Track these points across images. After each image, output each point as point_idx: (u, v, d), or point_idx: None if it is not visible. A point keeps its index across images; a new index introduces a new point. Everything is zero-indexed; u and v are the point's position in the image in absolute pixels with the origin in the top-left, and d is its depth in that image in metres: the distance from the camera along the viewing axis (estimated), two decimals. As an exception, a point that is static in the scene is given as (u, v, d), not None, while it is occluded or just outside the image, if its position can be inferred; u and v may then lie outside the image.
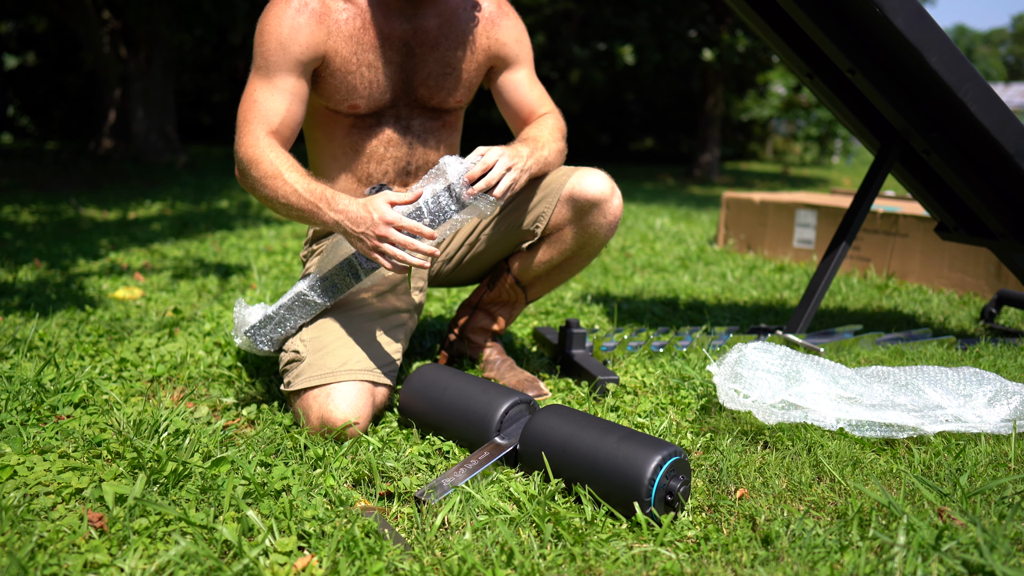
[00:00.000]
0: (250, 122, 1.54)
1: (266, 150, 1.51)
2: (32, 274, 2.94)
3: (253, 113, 1.55)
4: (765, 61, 11.86)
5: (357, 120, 1.66)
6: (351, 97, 1.61)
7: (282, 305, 1.57)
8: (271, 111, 1.55)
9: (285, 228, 4.57)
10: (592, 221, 1.69)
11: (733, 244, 4.18)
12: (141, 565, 0.98)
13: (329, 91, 1.61)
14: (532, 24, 11.85)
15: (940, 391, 1.55)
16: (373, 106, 1.64)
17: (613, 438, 1.19)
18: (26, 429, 1.38)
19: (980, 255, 3.01)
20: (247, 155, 1.52)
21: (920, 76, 1.86)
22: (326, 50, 1.56)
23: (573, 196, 1.67)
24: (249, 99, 1.56)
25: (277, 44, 1.53)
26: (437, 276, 1.86)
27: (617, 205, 1.70)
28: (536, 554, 1.04)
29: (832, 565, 1.01)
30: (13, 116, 15.07)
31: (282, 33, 1.53)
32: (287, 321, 1.57)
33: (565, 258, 1.77)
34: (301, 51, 1.54)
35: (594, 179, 1.67)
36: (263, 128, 1.54)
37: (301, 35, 1.54)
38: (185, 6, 8.33)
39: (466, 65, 1.70)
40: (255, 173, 1.51)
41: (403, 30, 1.62)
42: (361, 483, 1.28)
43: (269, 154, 1.51)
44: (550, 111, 1.79)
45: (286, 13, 1.54)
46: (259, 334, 1.58)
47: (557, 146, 1.71)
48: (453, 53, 1.67)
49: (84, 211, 5.02)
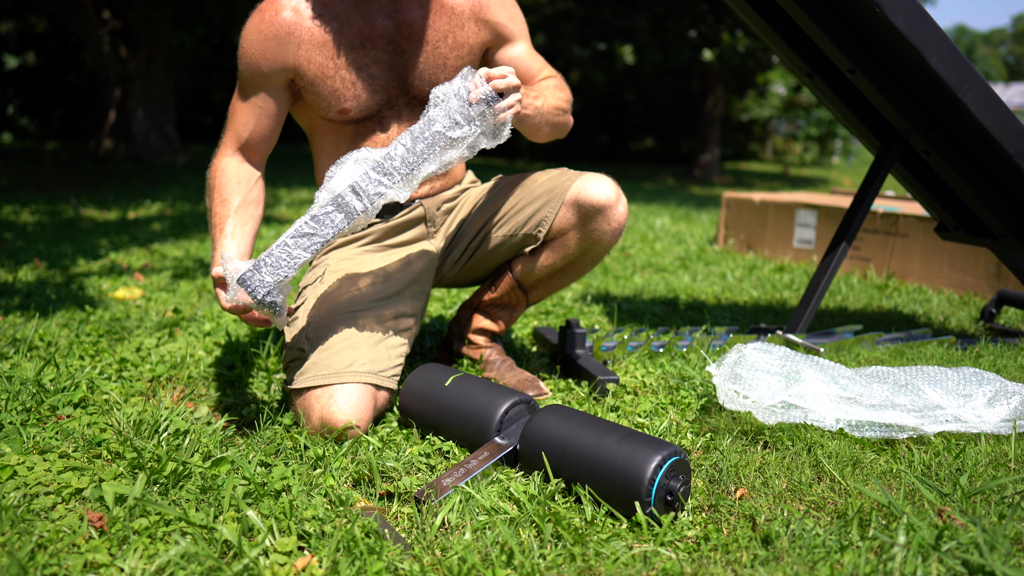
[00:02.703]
0: (225, 136, 1.65)
1: (226, 170, 1.62)
2: (32, 274, 2.94)
3: (229, 127, 1.65)
4: (765, 61, 11.87)
5: (357, 125, 1.65)
6: (337, 102, 1.60)
7: (277, 245, 1.39)
8: (242, 126, 1.64)
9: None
10: (596, 227, 1.68)
11: (733, 244, 4.18)
12: (141, 565, 0.98)
13: (314, 100, 1.62)
14: (532, 24, 11.85)
15: (940, 391, 1.55)
16: (365, 109, 1.62)
17: (613, 438, 1.19)
18: (26, 429, 1.38)
19: (980, 255, 3.01)
20: (212, 172, 1.64)
21: (920, 76, 1.86)
22: (296, 62, 1.57)
23: (578, 201, 1.66)
24: (231, 111, 1.65)
25: (249, 59, 1.58)
26: (442, 277, 1.86)
27: (622, 212, 1.69)
28: (536, 554, 1.04)
29: (832, 565, 1.01)
30: (13, 116, 15.06)
31: (253, 49, 1.58)
32: (283, 262, 1.38)
33: (568, 263, 1.77)
34: (268, 66, 1.57)
35: (599, 185, 1.66)
36: (234, 143, 1.64)
37: (268, 51, 1.57)
38: (187, 5, 8.33)
39: (460, 52, 1.67)
40: (208, 189, 1.63)
41: (385, 27, 1.59)
42: (361, 483, 1.28)
43: (227, 174, 1.62)
44: (552, 75, 1.76)
45: (257, 28, 1.57)
46: (251, 280, 1.37)
47: (554, 101, 1.63)
48: (444, 42, 1.64)
49: (84, 211, 5.02)
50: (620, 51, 11.19)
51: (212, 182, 1.63)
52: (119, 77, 8.82)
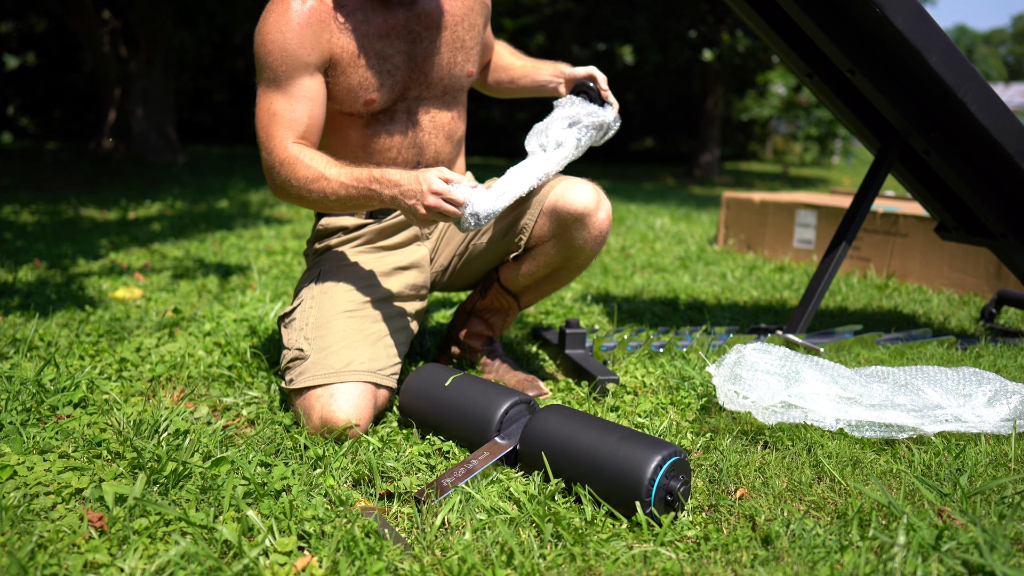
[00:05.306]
0: (275, 136, 1.52)
1: (299, 157, 1.50)
2: (32, 274, 2.94)
3: (276, 127, 1.53)
4: (765, 61, 11.86)
5: (370, 119, 1.64)
6: (364, 92, 1.59)
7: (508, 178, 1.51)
8: (294, 120, 1.53)
9: (285, 228, 4.57)
10: (577, 235, 1.64)
11: (733, 244, 4.18)
12: (141, 565, 0.98)
13: (342, 91, 1.58)
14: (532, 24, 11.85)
15: (940, 391, 1.55)
16: (387, 99, 1.62)
17: (613, 438, 1.19)
18: (26, 429, 1.38)
19: (980, 255, 3.01)
20: (282, 169, 1.51)
21: (920, 76, 1.86)
22: (331, 49, 1.54)
23: (556, 208, 1.62)
24: (268, 114, 1.53)
25: (283, 51, 1.50)
26: (433, 284, 1.86)
27: (603, 219, 1.64)
28: (536, 554, 1.04)
29: (832, 565, 1.01)
30: (13, 116, 15.07)
31: (286, 39, 1.50)
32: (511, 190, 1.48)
33: (551, 270, 1.74)
34: (308, 54, 1.51)
35: (579, 191, 1.62)
36: (290, 138, 1.53)
37: (305, 37, 1.50)
38: (188, 4, 8.32)
39: (473, 32, 1.70)
40: (297, 182, 1.50)
41: (406, 17, 1.60)
42: (361, 483, 1.28)
43: (304, 159, 1.50)
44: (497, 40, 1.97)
45: (285, 18, 1.50)
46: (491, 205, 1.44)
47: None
48: (461, 26, 1.67)
49: (84, 211, 5.02)
50: (620, 51, 11.19)
51: (295, 169, 1.49)
52: (119, 77, 8.82)
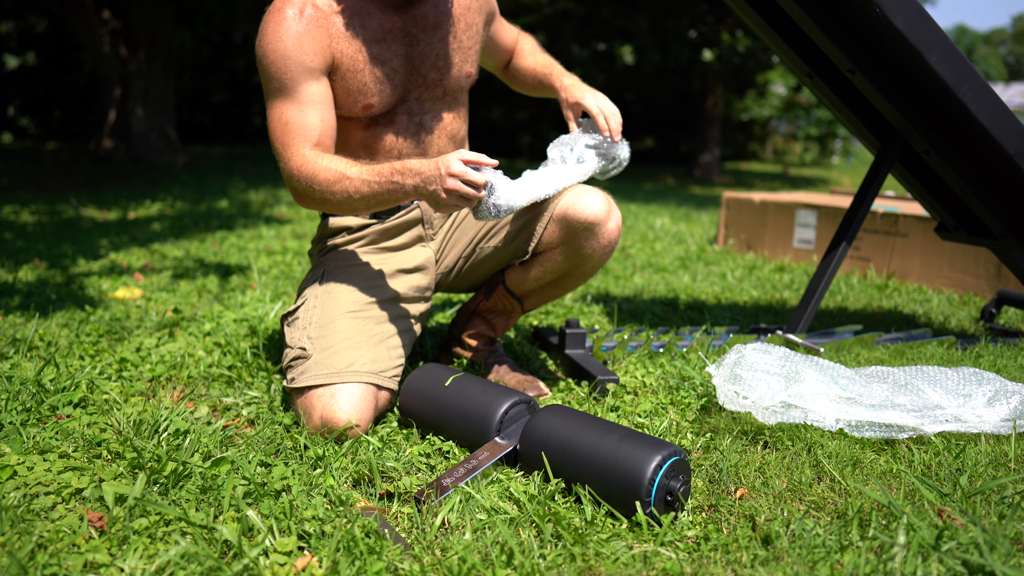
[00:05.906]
0: (291, 144, 1.53)
1: (318, 161, 1.50)
2: (32, 274, 2.94)
3: (290, 135, 1.53)
4: (765, 61, 11.86)
5: (371, 123, 1.64)
6: (364, 97, 1.59)
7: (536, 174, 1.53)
8: (307, 126, 1.53)
9: (285, 228, 4.57)
10: (585, 243, 1.63)
11: (733, 244, 4.18)
12: (141, 565, 0.98)
13: (342, 95, 1.59)
14: (532, 24, 11.85)
15: (940, 391, 1.55)
16: (386, 103, 1.62)
17: (613, 438, 1.19)
18: (26, 429, 1.38)
19: (980, 255, 3.01)
20: (302, 175, 1.51)
21: (920, 76, 1.86)
22: (332, 53, 1.54)
23: (567, 216, 1.61)
24: (280, 124, 1.53)
25: (285, 59, 1.50)
26: (438, 285, 1.86)
27: (613, 229, 1.63)
28: (536, 554, 1.04)
29: (832, 565, 1.01)
30: (13, 116, 15.07)
31: (286, 47, 1.50)
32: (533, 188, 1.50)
33: (557, 276, 1.73)
34: (310, 58, 1.51)
35: (590, 200, 1.60)
36: (306, 145, 1.53)
37: (305, 42, 1.51)
38: (188, 4, 8.33)
39: (471, 32, 1.69)
40: (319, 186, 1.50)
41: (403, 20, 1.60)
42: (361, 483, 1.28)
43: (322, 163, 1.50)
44: (520, 33, 1.95)
45: (283, 26, 1.50)
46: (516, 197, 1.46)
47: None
48: (457, 26, 1.66)
49: (84, 211, 5.02)
50: (620, 51, 11.19)
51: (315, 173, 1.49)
52: (119, 77, 8.82)
